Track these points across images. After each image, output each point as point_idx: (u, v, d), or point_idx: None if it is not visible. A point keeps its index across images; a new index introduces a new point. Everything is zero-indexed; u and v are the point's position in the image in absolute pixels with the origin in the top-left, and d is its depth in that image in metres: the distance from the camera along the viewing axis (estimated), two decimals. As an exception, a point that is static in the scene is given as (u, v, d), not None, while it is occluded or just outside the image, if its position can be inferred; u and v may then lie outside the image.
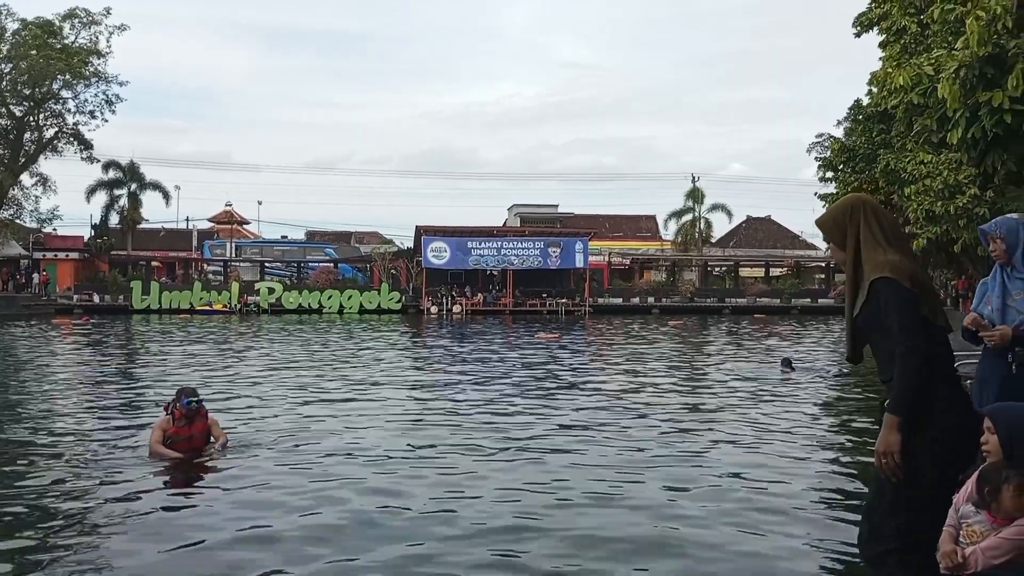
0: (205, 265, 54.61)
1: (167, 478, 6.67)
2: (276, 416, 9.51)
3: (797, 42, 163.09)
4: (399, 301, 44.82)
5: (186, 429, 7.19)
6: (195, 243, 60.69)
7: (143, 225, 55.04)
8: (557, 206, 61.48)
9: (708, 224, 59.26)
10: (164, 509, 5.74)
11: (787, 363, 15.15)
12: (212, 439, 7.35)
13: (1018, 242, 3.96)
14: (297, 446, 7.71)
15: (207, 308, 42.82)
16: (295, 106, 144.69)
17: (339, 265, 52.22)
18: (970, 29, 14.61)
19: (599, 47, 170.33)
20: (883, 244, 3.03)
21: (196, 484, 6.51)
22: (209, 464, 7.00)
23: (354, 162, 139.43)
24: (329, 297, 44.64)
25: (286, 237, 61.98)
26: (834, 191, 28.01)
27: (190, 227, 65.08)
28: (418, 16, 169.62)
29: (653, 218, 67.32)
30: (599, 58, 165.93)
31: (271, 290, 44.96)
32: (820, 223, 3.29)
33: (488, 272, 48.98)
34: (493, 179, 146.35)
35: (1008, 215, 4.17)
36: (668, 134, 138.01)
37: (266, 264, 52.32)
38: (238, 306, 43.25)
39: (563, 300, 45.60)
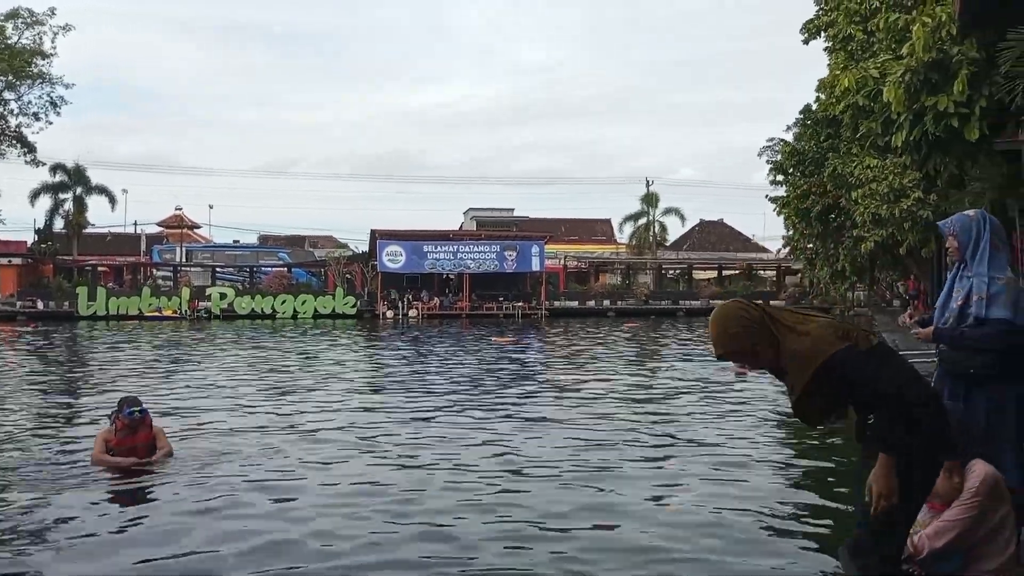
0: (154, 270, 53.37)
1: (108, 490, 6.46)
2: (225, 425, 9.30)
3: (747, 47, 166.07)
4: (354, 306, 44.41)
5: (129, 440, 6.97)
6: (144, 248, 59.30)
7: (89, 230, 53.59)
8: (513, 210, 61.54)
9: (662, 227, 59.94)
10: (102, 521, 5.56)
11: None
12: (157, 449, 7.14)
13: (970, 240, 4.00)
14: (247, 456, 7.53)
15: (156, 314, 41.87)
16: (246, 107, 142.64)
17: (293, 270, 51.52)
18: (916, 35, 14.98)
19: (552, 50, 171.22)
20: (789, 326, 2.92)
21: (137, 496, 6.30)
22: (152, 475, 6.79)
23: (307, 164, 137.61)
24: (283, 302, 44.02)
25: (238, 241, 60.82)
26: (784, 194, 28.52)
27: (138, 231, 63.62)
28: (371, 16, 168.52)
29: (608, 222, 67.78)
30: (552, 61, 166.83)
31: (223, 295, 44.15)
32: (719, 345, 3.02)
33: (444, 276, 48.79)
34: (449, 183, 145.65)
35: (964, 212, 4.20)
36: (620, 137, 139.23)
37: (218, 269, 51.37)
38: (188, 312, 42.37)
39: (519, 303, 45.64)
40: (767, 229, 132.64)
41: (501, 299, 46.12)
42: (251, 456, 7.48)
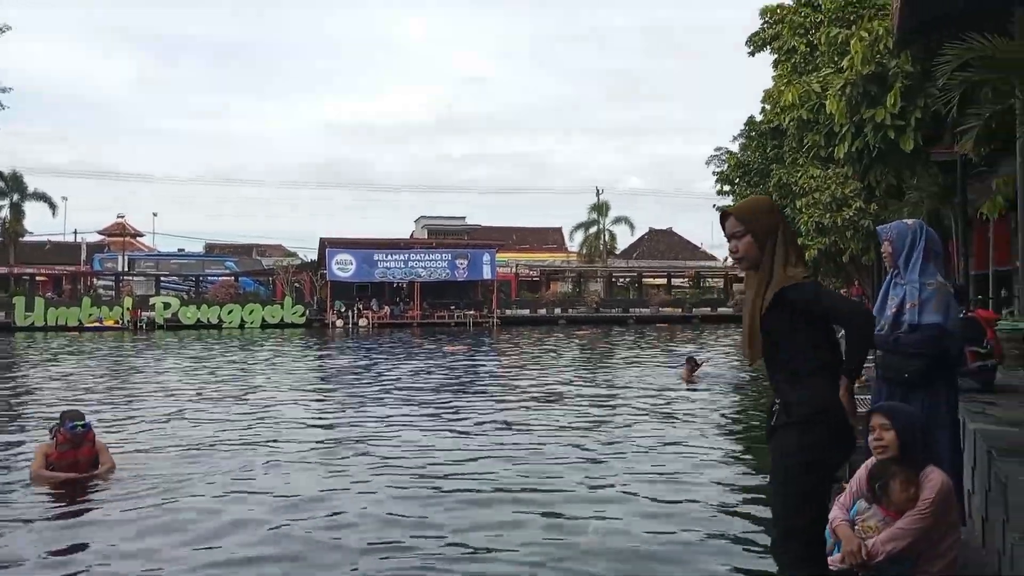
0: (95, 280, 51.89)
1: (47, 506, 6.25)
2: (169, 439, 9.07)
3: (693, 60, 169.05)
4: (303, 315, 43.82)
5: (71, 454, 6.76)
6: (84, 257, 57.65)
7: (27, 238, 51.96)
8: (465, 218, 61.52)
9: (612, 236, 60.56)
10: (39, 539, 5.36)
11: (692, 361, 15.46)
12: (100, 465, 6.93)
13: (904, 247, 4.10)
14: (192, 471, 7.35)
15: (97, 324, 40.71)
16: (186, 116, 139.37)
17: (240, 279, 50.62)
18: (854, 49, 15.44)
19: (498, 61, 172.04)
20: (794, 256, 3.04)
21: (77, 513, 6.11)
22: (94, 491, 6.59)
23: (249, 174, 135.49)
24: (229, 312, 43.22)
25: (183, 250, 59.60)
26: (731, 203, 29.11)
27: (79, 240, 61.84)
28: (314, 26, 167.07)
29: (559, 230, 68.21)
30: (498, 72, 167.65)
31: (167, 305, 43.14)
32: (744, 211, 3.13)
33: (395, 285, 48.47)
34: (399, 191, 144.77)
35: (903, 220, 4.31)
36: (567, 148, 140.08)
37: (162, 278, 50.21)
38: (130, 322, 41.29)
39: (471, 312, 45.56)
40: (715, 237, 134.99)
41: (452, 308, 45.99)
42: (196, 471, 7.31)
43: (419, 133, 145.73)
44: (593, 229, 59.37)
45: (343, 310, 44.29)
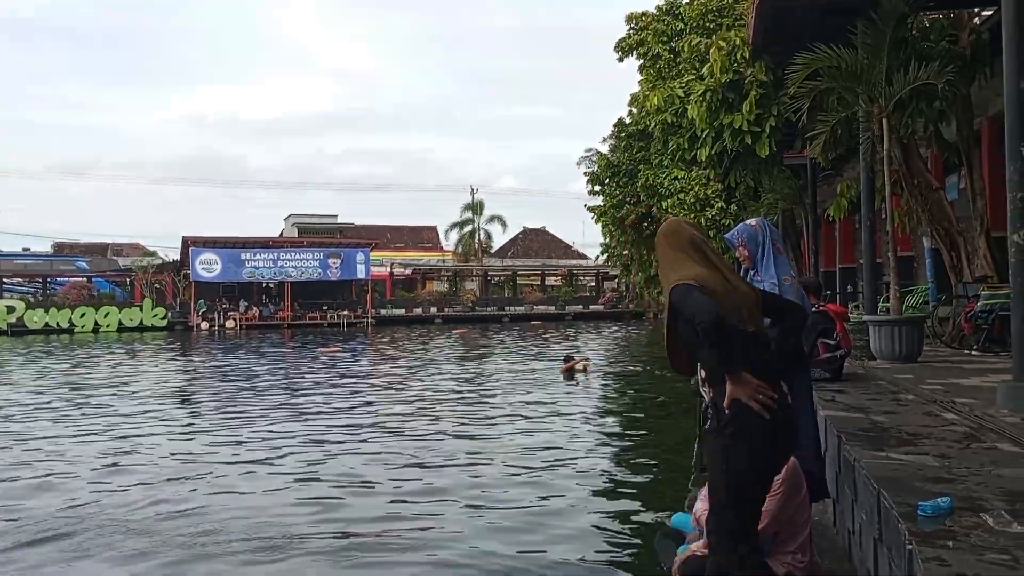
0: (-75, 282, 47.41)
1: None
2: (9, 456, 8.40)
3: (566, 62, 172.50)
4: (164, 317, 41.69)
5: None
6: (-88, 257, 52.56)
7: None
8: (337, 216, 60.22)
9: (487, 235, 60.91)
10: None
11: (570, 358, 15.74)
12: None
13: (758, 247, 4.31)
14: (29, 490, 6.83)
15: (-72, 331, 37.22)
16: (32, 106, 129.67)
17: (94, 279, 47.55)
18: (713, 58, 16.18)
19: (376, 58, 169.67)
20: (676, 262, 3.05)
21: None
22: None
23: (103, 167, 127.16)
24: (82, 315, 40.54)
25: (28, 249, 55.33)
26: (601, 203, 29.86)
27: (-95, 239, 56.34)
28: (183, 12, 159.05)
29: (434, 229, 67.98)
30: (374, 69, 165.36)
31: (10, 308, 39.99)
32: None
33: (264, 285, 46.91)
34: (268, 188, 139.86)
35: (747, 222, 4.51)
36: (442, 146, 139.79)
37: (4, 280, 46.46)
38: (-33, 328, 38.00)
39: (345, 312, 44.72)
40: (586, 236, 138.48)
41: (325, 308, 44.99)
42: (38, 489, 6.80)
43: (293, 129, 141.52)
44: (468, 228, 59.56)
45: (208, 311, 42.47)
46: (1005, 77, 4.81)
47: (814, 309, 5.44)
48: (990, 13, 10.72)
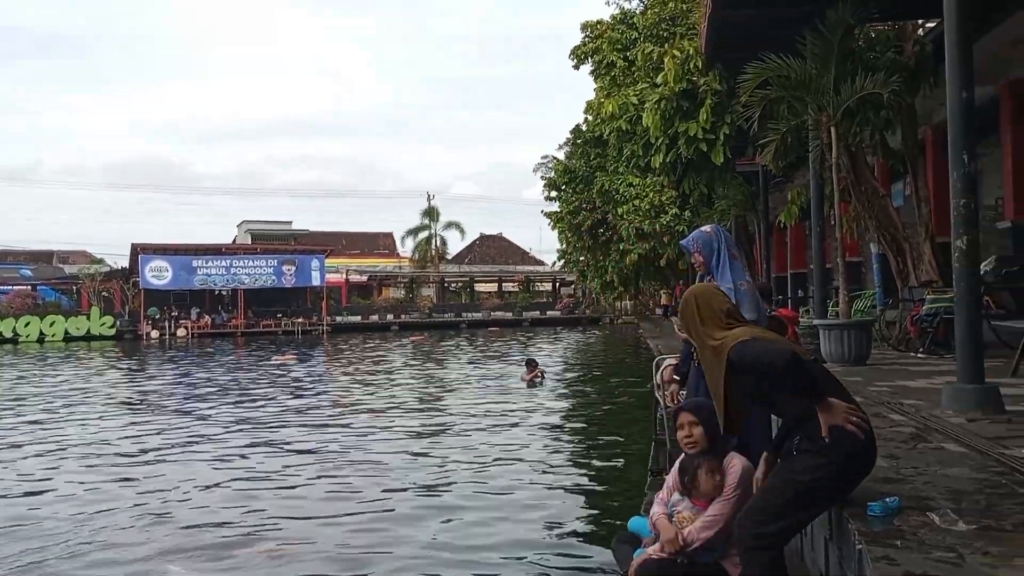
0: None
1: None
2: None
3: (522, 68, 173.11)
4: (113, 326, 40.71)
5: None
6: None
7: None
8: (291, 222, 59.44)
9: (444, 241, 60.64)
10: None
11: (532, 364, 15.65)
12: None
13: (713, 252, 4.36)
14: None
15: None
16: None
17: (39, 287, 46.25)
18: (668, 67, 16.37)
19: (332, 62, 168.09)
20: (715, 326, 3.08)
21: None
22: None
23: (43, 172, 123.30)
24: (26, 324, 39.39)
25: (-32, 257, 53.63)
26: (558, 209, 30.00)
27: None
28: (131, 15, 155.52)
29: (391, 235, 67.50)
30: (332, 73, 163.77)
31: (-51, 318, 38.70)
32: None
33: (217, 292, 46.10)
34: (219, 194, 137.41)
35: (701, 228, 4.56)
36: (396, 153, 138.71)
37: (-58, 288, 44.94)
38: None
39: (299, 320, 44.16)
40: (543, 243, 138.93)
41: (280, 315, 44.39)
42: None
43: (240, 134, 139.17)
44: (424, 234, 59.21)
45: (159, 319, 41.59)
46: (948, 87, 4.94)
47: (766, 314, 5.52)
48: (933, 25, 11.05)
